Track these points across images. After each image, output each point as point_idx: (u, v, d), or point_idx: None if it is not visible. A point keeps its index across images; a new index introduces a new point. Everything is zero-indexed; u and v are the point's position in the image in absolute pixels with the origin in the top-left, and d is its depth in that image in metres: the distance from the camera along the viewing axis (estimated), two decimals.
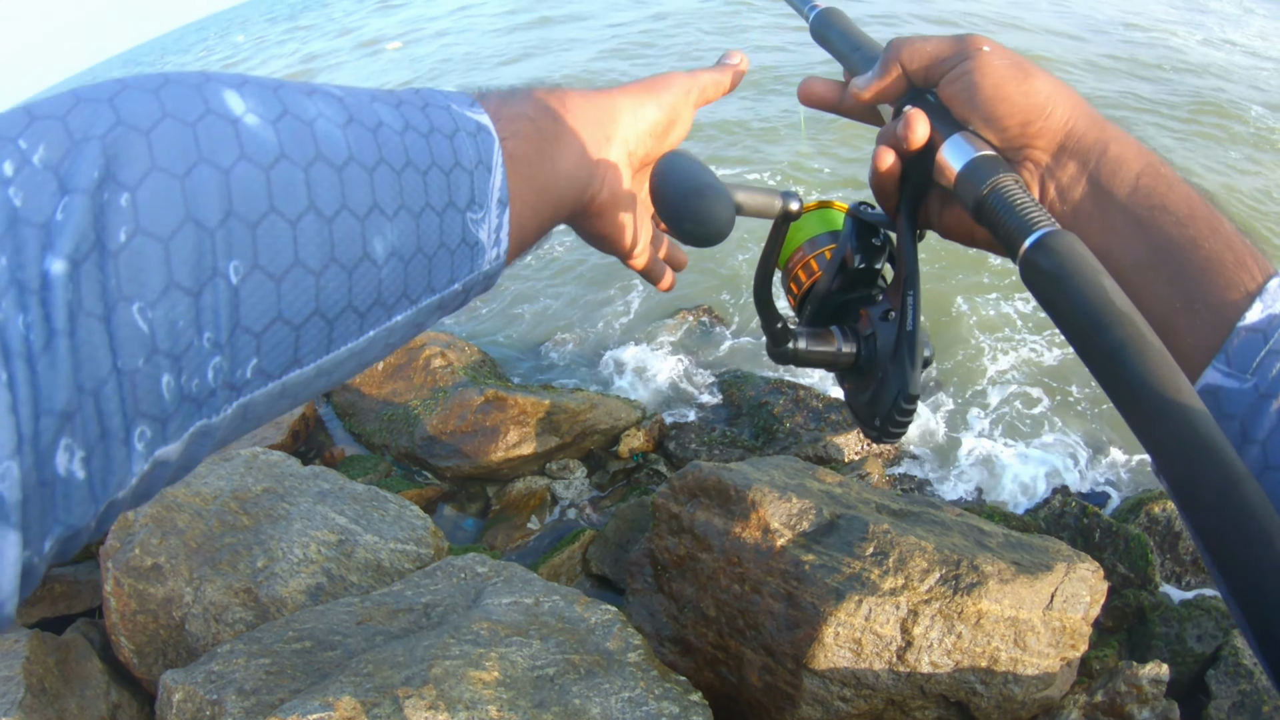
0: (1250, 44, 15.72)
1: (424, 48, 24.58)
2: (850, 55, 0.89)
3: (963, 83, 0.74)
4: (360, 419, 6.33)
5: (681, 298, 8.14)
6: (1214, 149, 10.87)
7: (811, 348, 0.84)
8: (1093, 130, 0.73)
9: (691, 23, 19.93)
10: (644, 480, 5.61)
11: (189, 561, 3.65)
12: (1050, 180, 0.74)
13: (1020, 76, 0.72)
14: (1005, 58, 0.74)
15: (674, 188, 0.70)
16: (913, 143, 0.75)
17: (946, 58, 0.76)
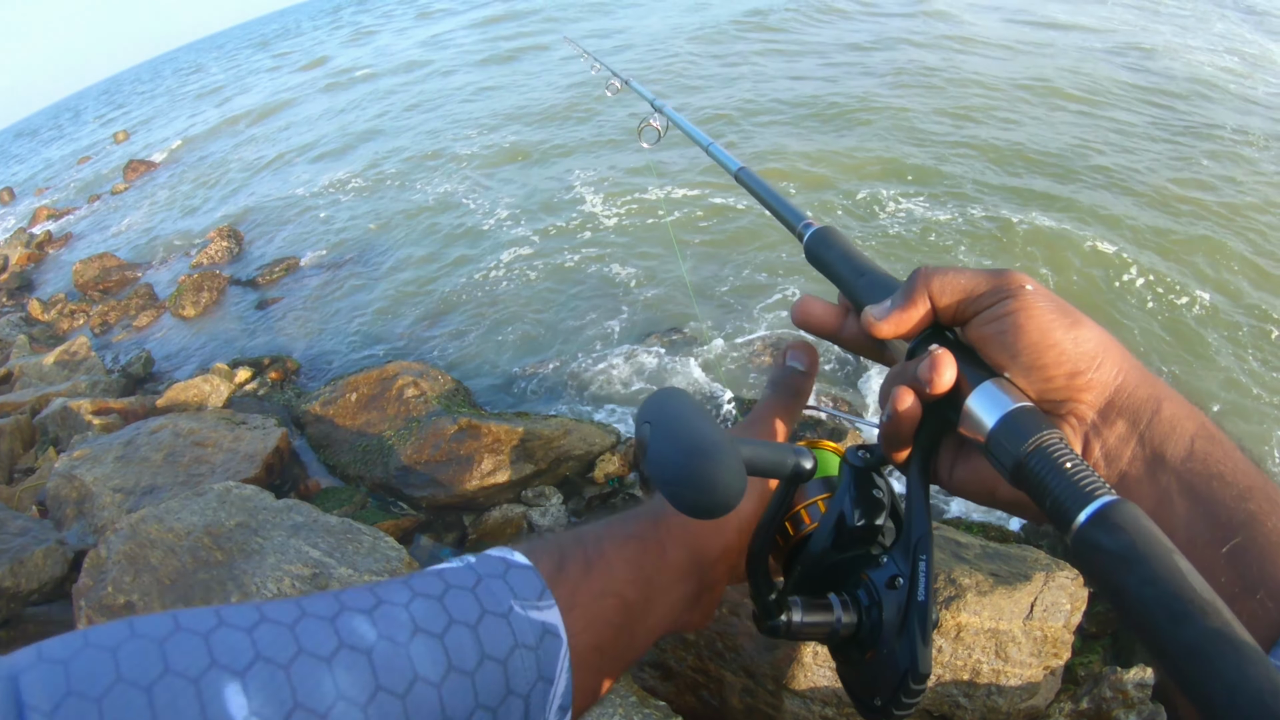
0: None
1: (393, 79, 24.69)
2: (854, 281, 0.82)
3: (1003, 324, 0.66)
4: (335, 450, 6.28)
5: (654, 320, 8.19)
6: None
7: (808, 620, 0.73)
8: (1144, 386, 0.66)
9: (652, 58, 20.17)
10: (620, 505, 5.60)
11: (162, 599, 3.60)
12: (1096, 439, 0.66)
13: (1068, 322, 0.66)
14: (1050, 299, 0.67)
15: (672, 445, 0.61)
16: (938, 387, 0.67)
17: (983, 294, 0.69)
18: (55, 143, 43.81)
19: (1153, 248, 8.64)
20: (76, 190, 24.16)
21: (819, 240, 0.90)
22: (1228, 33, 17.68)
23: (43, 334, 11.67)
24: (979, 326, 0.68)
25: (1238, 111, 12.49)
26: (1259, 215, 9.15)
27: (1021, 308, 0.66)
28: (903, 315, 0.72)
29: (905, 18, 19.70)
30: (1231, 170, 10.32)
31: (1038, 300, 0.66)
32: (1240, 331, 7.31)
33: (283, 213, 14.52)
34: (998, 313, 0.67)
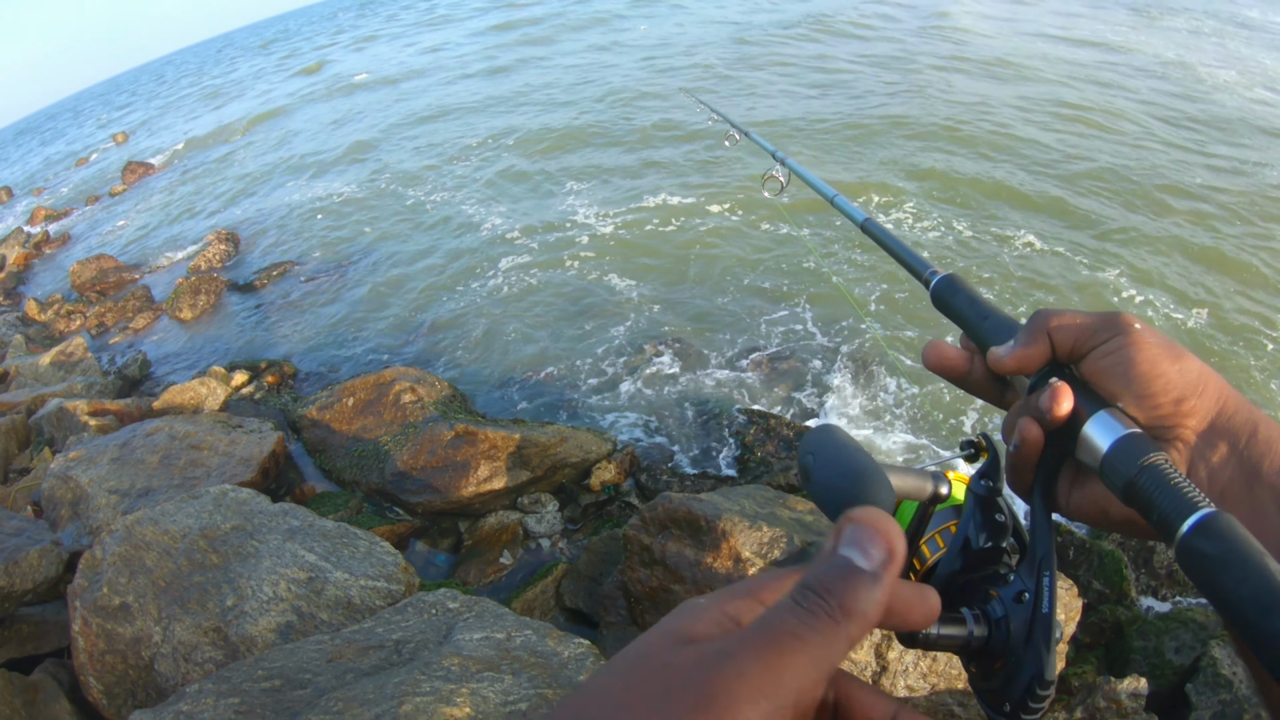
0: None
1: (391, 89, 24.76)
2: (980, 324, 0.89)
3: (1117, 358, 0.73)
4: (331, 455, 6.28)
5: (652, 331, 8.21)
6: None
7: (944, 633, 0.77)
8: (1242, 411, 0.72)
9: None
10: (616, 512, 5.61)
11: (157, 600, 3.60)
12: (1200, 460, 0.73)
13: (1174, 355, 0.72)
14: (1157, 336, 0.74)
15: (834, 472, 0.69)
16: (1059, 415, 0.74)
17: (1097, 332, 0.76)
18: (54, 142, 43.85)
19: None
20: (75, 191, 24.17)
21: (945, 287, 0.98)
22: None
23: (39, 334, 11.66)
24: (1095, 361, 0.75)
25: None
26: None
27: (1132, 343, 0.73)
28: (1025, 353, 0.79)
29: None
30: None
31: (1146, 336, 0.73)
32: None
33: (281, 217, 14.53)
34: (1111, 348, 0.74)
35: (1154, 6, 23.95)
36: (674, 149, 13.69)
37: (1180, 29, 21.22)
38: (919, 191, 10.81)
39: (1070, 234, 9.44)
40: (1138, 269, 8.68)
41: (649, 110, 16.03)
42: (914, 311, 8.10)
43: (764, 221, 10.34)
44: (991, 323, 0.88)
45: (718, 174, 12.24)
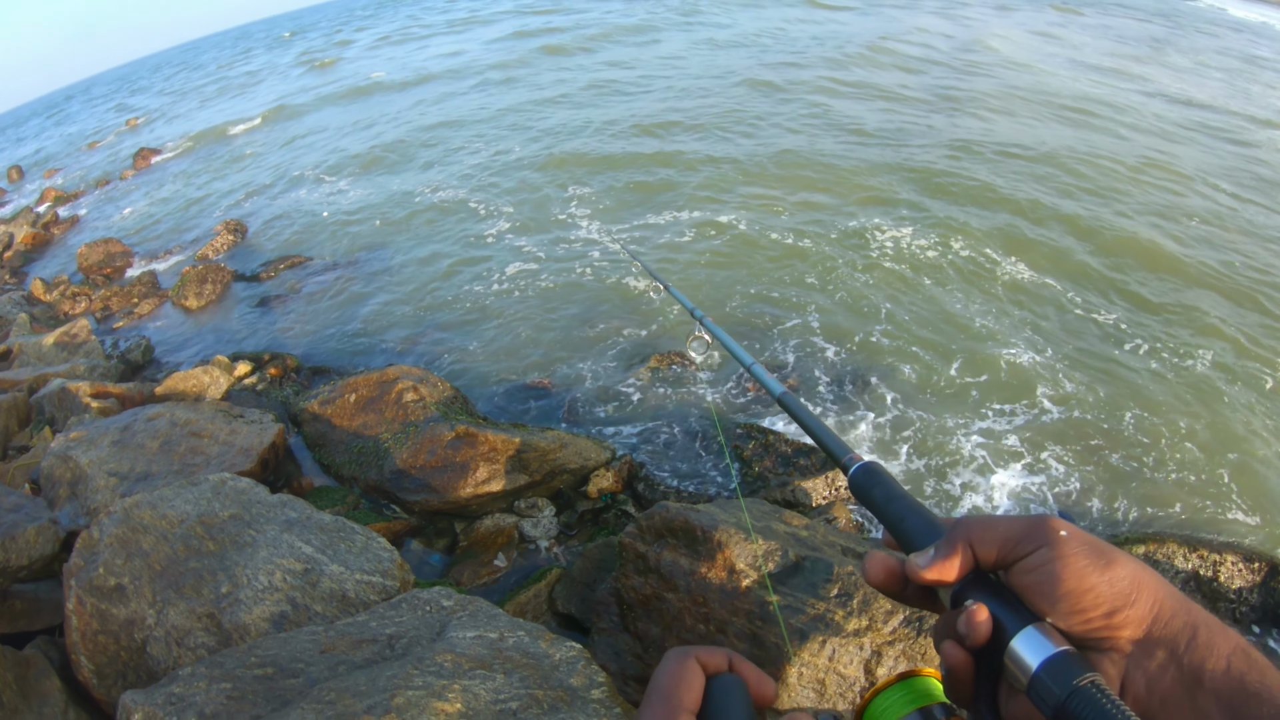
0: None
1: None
2: (898, 524, 0.87)
3: (1042, 573, 0.71)
4: (330, 450, 6.30)
5: (657, 342, 8.23)
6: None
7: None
8: (1179, 613, 0.70)
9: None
10: (612, 520, 5.62)
11: (153, 584, 3.61)
12: (1136, 670, 0.70)
13: (1103, 563, 0.70)
14: (1083, 543, 0.72)
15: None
16: (976, 641, 0.73)
17: (1019, 543, 0.74)
18: (68, 124, 43.96)
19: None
20: (86, 174, 24.24)
21: (864, 477, 0.96)
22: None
23: (44, 314, 11.69)
24: (1019, 575, 0.74)
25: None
26: None
27: (1057, 556, 0.71)
28: (944, 564, 0.78)
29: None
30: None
31: (1072, 546, 0.71)
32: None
33: (291, 211, 14.58)
34: (1035, 562, 0.72)
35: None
36: (692, 173, 13.76)
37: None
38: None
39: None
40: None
41: (683, 133, 16.11)
42: (925, 338, 8.14)
43: (773, 231, 10.38)
44: (911, 523, 0.86)
45: (726, 191, 12.30)
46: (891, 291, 9.01)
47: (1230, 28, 31.89)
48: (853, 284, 9.19)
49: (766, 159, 13.40)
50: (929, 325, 8.35)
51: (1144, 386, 7.49)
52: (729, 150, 14.03)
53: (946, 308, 8.67)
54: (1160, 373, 7.68)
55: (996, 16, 27.93)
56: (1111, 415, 7.12)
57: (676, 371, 7.56)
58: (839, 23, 26.83)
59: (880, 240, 10.19)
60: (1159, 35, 26.16)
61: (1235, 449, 6.77)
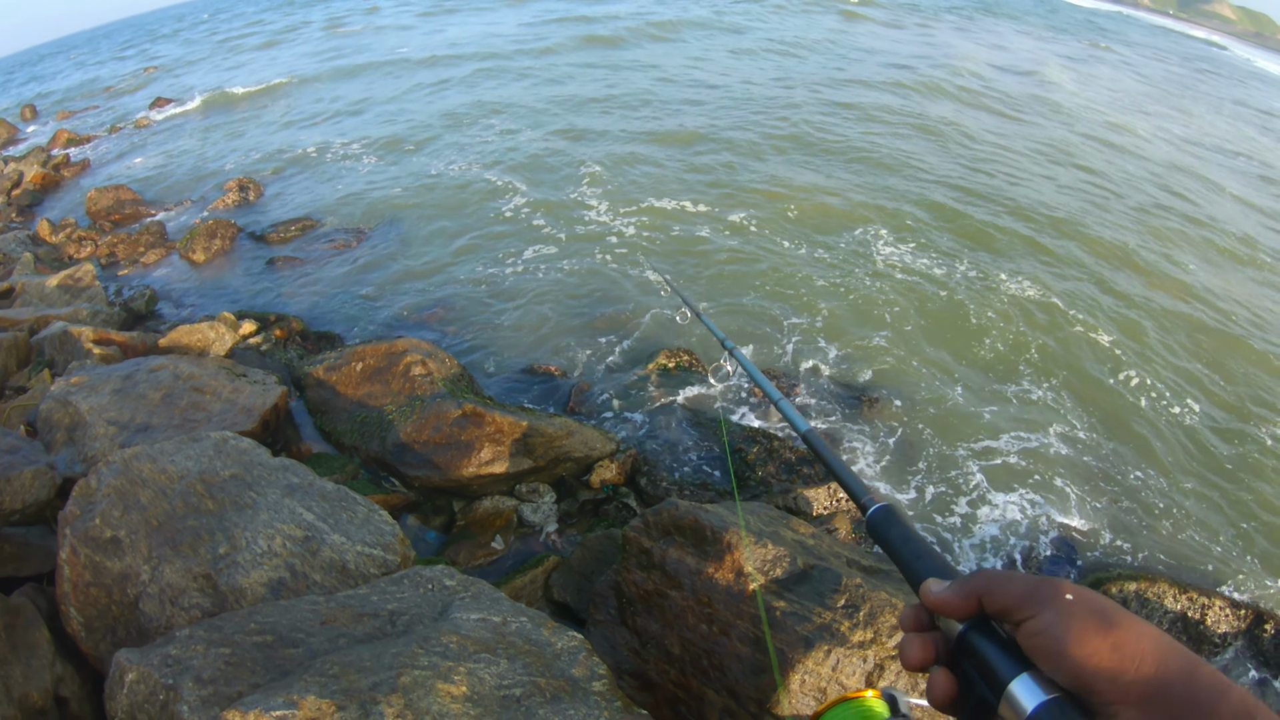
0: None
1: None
2: (913, 562, 0.91)
3: (1047, 637, 0.73)
4: (332, 417, 6.23)
5: (666, 339, 8.17)
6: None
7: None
8: (1183, 676, 0.70)
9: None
10: (613, 512, 5.57)
11: (149, 539, 3.55)
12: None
13: (1106, 627, 0.71)
14: (1089, 604, 0.73)
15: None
16: (934, 701, 0.79)
17: (1026, 604, 0.76)
18: (87, 67, 43.58)
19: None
20: (100, 118, 24.06)
21: (882, 518, 1.00)
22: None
23: (48, 255, 11.57)
24: (1026, 637, 0.75)
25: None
26: None
27: (1060, 621, 0.72)
28: (953, 602, 0.82)
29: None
30: None
31: (1077, 608, 0.73)
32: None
33: (307, 173, 14.47)
34: (1040, 626, 0.74)
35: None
36: (714, 156, 13.68)
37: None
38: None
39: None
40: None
41: (713, 148, 16.03)
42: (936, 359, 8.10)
43: (785, 239, 10.33)
44: (925, 564, 0.89)
45: (742, 180, 12.24)
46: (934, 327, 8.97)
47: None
48: (881, 306, 9.15)
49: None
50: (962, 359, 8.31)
51: (1150, 427, 7.48)
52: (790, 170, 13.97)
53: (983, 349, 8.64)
54: (1165, 414, 7.67)
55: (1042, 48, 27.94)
56: (1114, 451, 7.10)
57: (685, 369, 7.50)
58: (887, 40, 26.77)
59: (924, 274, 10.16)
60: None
61: (1234, 495, 6.78)
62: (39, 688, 3.12)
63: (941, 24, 34.79)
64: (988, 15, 42.52)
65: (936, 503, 6.35)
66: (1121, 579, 5.56)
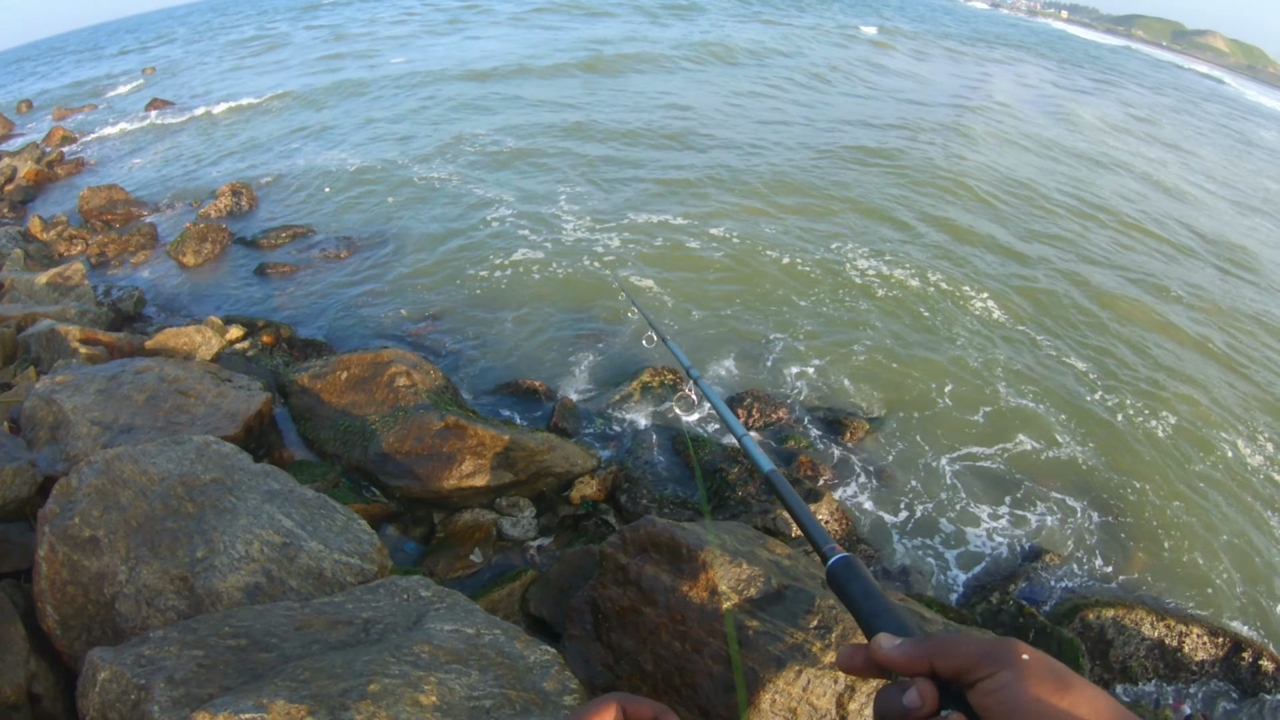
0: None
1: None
2: (871, 620, 0.90)
3: (1003, 694, 0.72)
4: (315, 425, 6.24)
5: (651, 357, 8.22)
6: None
7: None
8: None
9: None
10: (592, 528, 5.60)
11: (128, 540, 3.56)
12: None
13: (1062, 689, 0.71)
14: (1045, 665, 0.73)
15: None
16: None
17: (982, 663, 0.75)
18: (86, 65, 43.48)
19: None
20: (97, 117, 24.02)
21: (843, 569, 0.98)
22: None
23: (38, 252, 11.55)
24: (980, 696, 0.74)
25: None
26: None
27: (1015, 680, 0.72)
28: (904, 663, 0.81)
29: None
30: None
31: (1032, 671, 0.72)
32: None
33: (300, 181, 14.49)
34: (995, 685, 0.73)
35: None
36: (698, 165, 13.79)
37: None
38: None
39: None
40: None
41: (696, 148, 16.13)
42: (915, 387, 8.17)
43: (768, 248, 10.41)
44: (884, 620, 0.88)
45: (731, 194, 12.35)
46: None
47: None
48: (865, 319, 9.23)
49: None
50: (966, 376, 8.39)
51: (1131, 449, 7.58)
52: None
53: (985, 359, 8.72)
54: (1146, 438, 7.76)
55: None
56: (1093, 476, 7.18)
57: (669, 386, 7.55)
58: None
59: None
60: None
61: (1215, 522, 6.85)
62: (12, 684, 3.12)
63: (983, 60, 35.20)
64: (1007, 47, 43.13)
65: (917, 527, 6.40)
66: (1100, 605, 5.61)
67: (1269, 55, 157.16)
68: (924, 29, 47.10)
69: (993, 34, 56.61)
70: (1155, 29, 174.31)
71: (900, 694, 0.78)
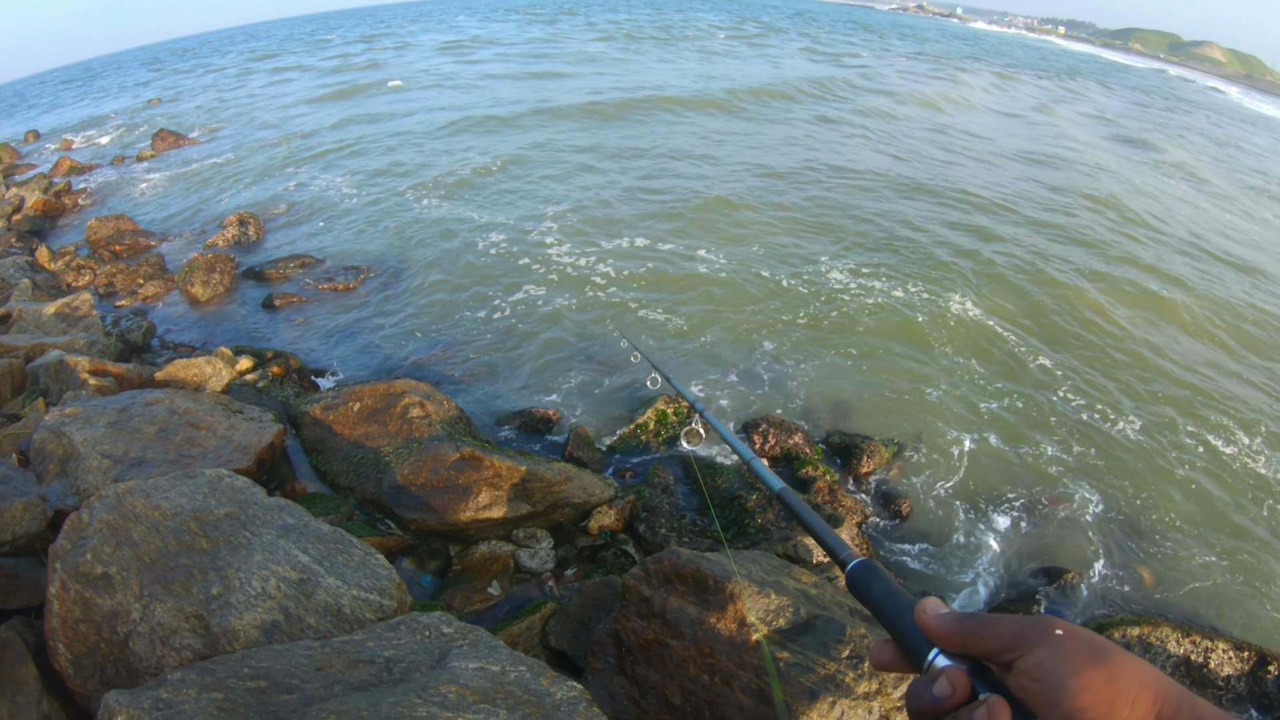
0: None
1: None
2: (895, 619, 0.89)
3: (1041, 672, 0.70)
4: (328, 457, 6.16)
5: (661, 387, 8.15)
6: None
7: None
8: (1184, 710, 0.68)
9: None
10: (610, 559, 5.50)
11: (141, 577, 3.48)
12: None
13: (1099, 660, 0.69)
14: (1080, 638, 0.71)
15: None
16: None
17: (1019, 642, 0.73)
18: (93, 97, 43.88)
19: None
20: (104, 149, 24.17)
21: (862, 573, 0.99)
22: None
23: (46, 283, 11.53)
24: (1016, 677, 0.73)
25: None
26: None
27: (1053, 655, 0.70)
28: (941, 631, 0.81)
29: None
30: None
31: (1068, 644, 0.70)
32: None
33: (308, 212, 14.54)
34: (1031, 662, 0.71)
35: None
36: (713, 214, 13.80)
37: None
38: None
39: None
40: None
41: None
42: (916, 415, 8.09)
43: (783, 276, 10.38)
44: (908, 619, 0.87)
45: (748, 233, 12.34)
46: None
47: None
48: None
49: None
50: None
51: (1153, 465, 7.50)
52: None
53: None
54: (1163, 454, 7.67)
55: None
56: (1114, 491, 7.10)
57: (684, 414, 7.47)
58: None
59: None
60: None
61: (1237, 536, 6.77)
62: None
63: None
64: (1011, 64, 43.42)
65: (936, 550, 6.31)
66: (1124, 624, 5.53)
67: (1266, 64, 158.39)
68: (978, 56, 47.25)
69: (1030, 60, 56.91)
70: (1152, 41, 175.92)
71: (930, 685, 0.77)
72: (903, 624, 0.87)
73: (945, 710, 0.75)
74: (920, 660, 0.83)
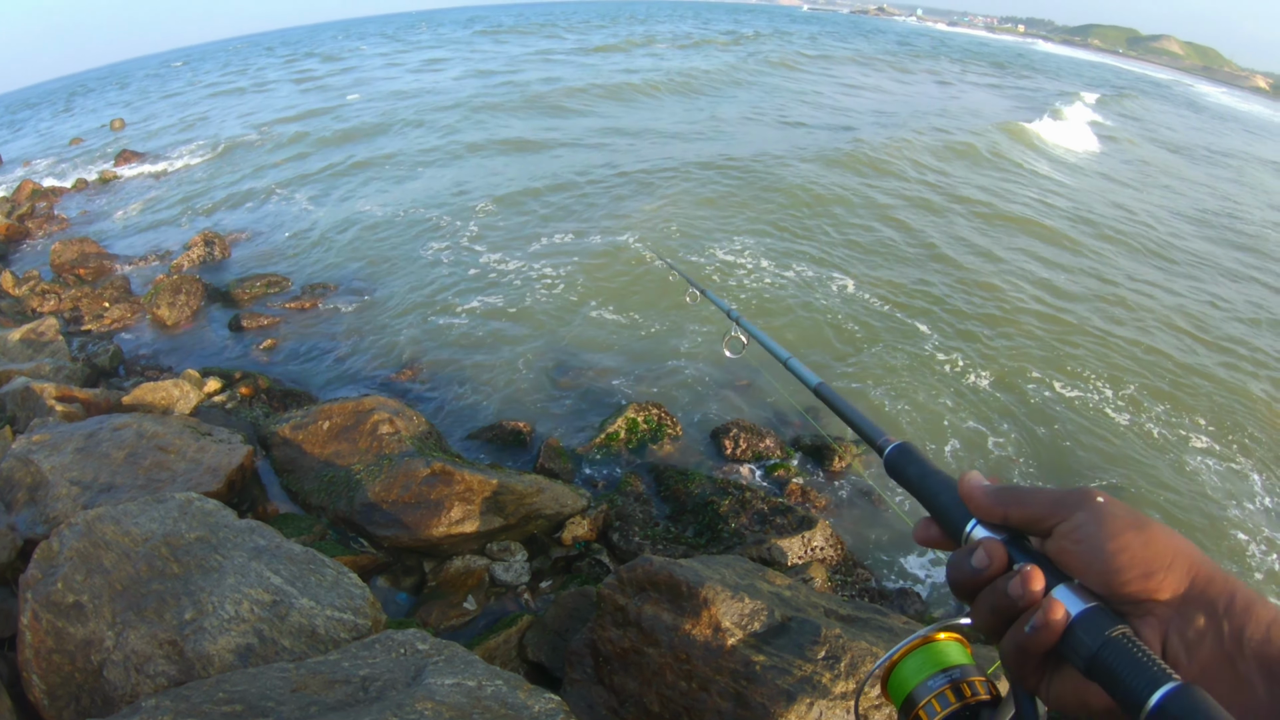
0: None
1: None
2: (934, 498, 0.92)
3: (1081, 534, 0.73)
4: (299, 477, 6.14)
5: (634, 390, 8.21)
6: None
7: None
8: (1217, 581, 0.70)
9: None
10: (585, 569, 5.52)
11: (113, 604, 3.46)
12: (1175, 634, 0.70)
13: (1138, 526, 0.72)
14: (1121, 508, 0.73)
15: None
16: (1031, 600, 0.74)
17: (1057, 509, 0.76)
18: (54, 118, 43.28)
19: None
20: (67, 171, 23.85)
21: (899, 455, 1.02)
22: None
23: (11, 308, 11.36)
24: (1059, 540, 0.75)
25: None
26: None
27: (1093, 519, 0.73)
28: (983, 501, 0.83)
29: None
30: None
31: (1110, 509, 0.73)
32: None
33: (274, 230, 14.45)
34: (1075, 524, 0.74)
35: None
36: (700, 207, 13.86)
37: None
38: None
39: None
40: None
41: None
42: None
43: (741, 282, 10.45)
44: (946, 497, 0.90)
45: (716, 247, 12.41)
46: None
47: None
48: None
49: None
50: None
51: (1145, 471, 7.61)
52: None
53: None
54: (1169, 454, 7.80)
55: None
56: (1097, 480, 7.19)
57: (654, 422, 7.51)
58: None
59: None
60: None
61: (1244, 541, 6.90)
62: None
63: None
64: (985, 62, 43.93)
65: (913, 548, 6.38)
66: None
67: (1223, 55, 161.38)
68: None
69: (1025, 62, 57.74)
70: (1111, 37, 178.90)
71: (968, 556, 0.79)
72: (941, 501, 0.90)
73: (984, 580, 0.78)
74: (959, 533, 0.86)
